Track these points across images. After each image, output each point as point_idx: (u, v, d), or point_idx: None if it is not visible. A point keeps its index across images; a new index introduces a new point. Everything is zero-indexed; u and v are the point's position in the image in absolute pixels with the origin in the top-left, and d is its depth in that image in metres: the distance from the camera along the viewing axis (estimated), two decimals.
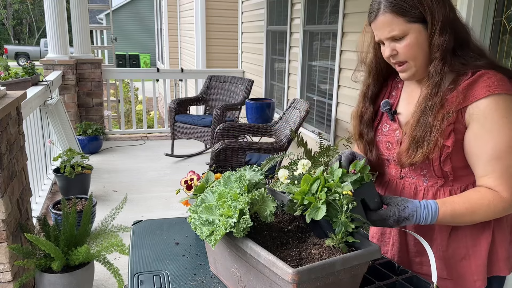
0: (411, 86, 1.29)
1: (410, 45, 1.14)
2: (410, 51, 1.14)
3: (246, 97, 5.42)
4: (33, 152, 3.48)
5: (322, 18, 4.31)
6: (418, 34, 1.13)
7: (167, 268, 1.24)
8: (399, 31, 1.13)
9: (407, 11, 1.11)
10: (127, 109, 9.09)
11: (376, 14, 1.15)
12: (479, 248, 1.20)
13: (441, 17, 1.11)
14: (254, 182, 1.11)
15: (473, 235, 1.20)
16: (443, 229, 1.22)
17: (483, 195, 1.12)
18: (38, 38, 29.46)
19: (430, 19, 1.11)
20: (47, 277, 2.26)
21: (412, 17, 1.12)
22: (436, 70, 1.13)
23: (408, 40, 1.13)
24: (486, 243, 1.19)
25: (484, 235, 1.19)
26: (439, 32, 1.11)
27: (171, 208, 3.83)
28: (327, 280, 0.91)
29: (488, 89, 1.09)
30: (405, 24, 1.12)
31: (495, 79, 1.10)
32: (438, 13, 1.11)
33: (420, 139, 1.15)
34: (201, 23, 7.67)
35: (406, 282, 1.10)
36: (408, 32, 1.13)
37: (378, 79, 1.33)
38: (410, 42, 1.13)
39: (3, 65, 3.76)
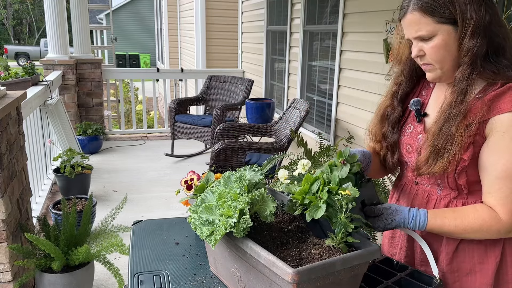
0: (442, 88, 1.21)
1: (437, 47, 1.08)
2: (437, 53, 1.08)
3: (246, 97, 5.42)
4: (33, 152, 3.48)
5: (322, 18, 4.31)
6: (446, 36, 1.06)
7: (167, 268, 1.24)
8: (426, 31, 1.07)
9: (436, 10, 1.05)
10: (127, 109, 9.09)
11: (405, 11, 1.10)
12: (486, 266, 1.14)
13: (473, 20, 1.04)
14: (254, 182, 1.11)
15: (480, 251, 1.15)
16: (451, 242, 1.18)
17: (479, 214, 1.07)
18: (38, 38, 29.47)
19: (461, 20, 1.04)
20: (47, 277, 2.26)
21: (441, 17, 1.05)
22: (463, 76, 1.07)
23: (435, 41, 1.07)
24: (495, 261, 1.13)
25: (493, 253, 1.13)
26: (470, 35, 1.04)
27: (171, 208, 3.83)
28: (327, 280, 0.91)
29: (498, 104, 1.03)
30: (433, 24, 1.06)
31: None
32: (471, 14, 1.04)
33: (441, 150, 1.09)
34: (201, 23, 7.67)
35: (409, 277, 1.11)
36: (436, 33, 1.07)
37: (411, 78, 1.26)
38: (437, 44, 1.07)
39: (3, 65, 3.76)
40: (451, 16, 1.05)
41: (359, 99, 3.49)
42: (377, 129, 1.31)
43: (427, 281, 1.10)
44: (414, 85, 1.28)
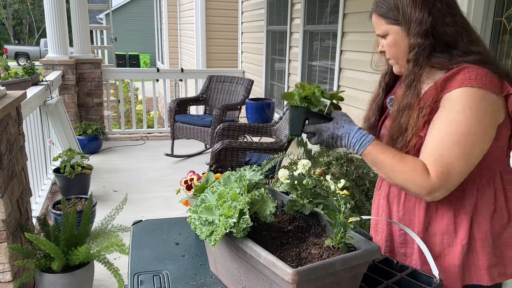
0: None
1: (390, 45, 1.23)
2: (390, 49, 1.24)
3: (246, 97, 5.42)
4: (33, 152, 3.48)
5: (322, 18, 4.31)
6: (396, 36, 1.21)
7: (167, 268, 1.24)
8: (381, 31, 1.24)
9: (386, 13, 1.21)
10: (127, 109, 9.09)
11: (371, 13, 1.27)
12: (454, 249, 1.20)
13: (416, 22, 1.16)
14: (254, 182, 1.11)
15: (449, 235, 1.21)
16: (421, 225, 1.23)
17: (415, 163, 1.14)
18: (38, 38, 29.47)
19: (404, 23, 1.18)
20: (47, 277, 2.26)
21: (390, 19, 1.21)
22: (408, 71, 1.19)
23: (388, 39, 1.23)
24: (461, 244, 1.19)
25: (460, 237, 1.19)
26: (413, 35, 1.17)
27: (171, 208, 3.83)
28: (327, 280, 0.91)
29: (462, 82, 1.11)
30: (385, 25, 1.22)
31: (473, 73, 1.10)
32: (413, 18, 1.16)
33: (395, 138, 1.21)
34: (201, 23, 7.67)
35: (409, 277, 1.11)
36: (388, 33, 1.22)
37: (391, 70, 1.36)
38: (389, 42, 1.23)
39: (3, 65, 3.76)
40: (398, 19, 1.19)
41: (359, 99, 3.49)
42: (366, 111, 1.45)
43: (427, 281, 1.10)
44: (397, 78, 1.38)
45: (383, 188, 1.36)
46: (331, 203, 1.08)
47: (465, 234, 1.18)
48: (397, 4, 1.19)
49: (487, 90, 1.09)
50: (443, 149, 1.10)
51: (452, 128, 1.10)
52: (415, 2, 1.16)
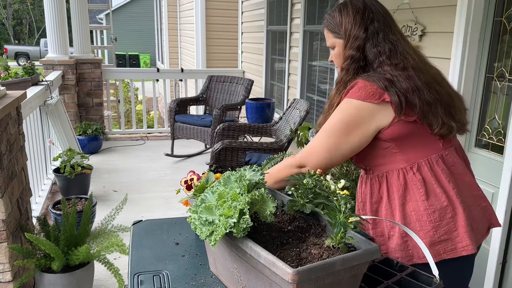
0: None
1: (336, 55, 1.47)
2: (336, 59, 1.48)
3: (246, 97, 5.42)
4: (33, 152, 3.48)
5: (322, 18, 4.31)
6: (339, 48, 1.44)
7: (167, 268, 1.24)
8: (330, 43, 1.48)
9: (333, 28, 1.45)
10: (127, 109, 9.09)
11: (323, 27, 1.50)
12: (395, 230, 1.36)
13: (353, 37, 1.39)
14: (254, 182, 1.11)
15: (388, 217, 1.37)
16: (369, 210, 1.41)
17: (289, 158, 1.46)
18: (38, 38, 29.47)
19: (345, 37, 1.41)
20: (47, 277, 2.27)
21: (336, 33, 1.44)
22: (340, 77, 1.43)
23: (335, 50, 1.47)
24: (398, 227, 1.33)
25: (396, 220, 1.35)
26: (349, 48, 1.40)
27: (171, 208, 3.83)
28: (327, 280, 0.91)
29: (347, 94, 1.35)
30: (333, 38, 1.46)
31: (356, 87, 1.33)
32: (351, 33, 1.39)
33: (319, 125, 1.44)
34: (201, 23, 7.67)
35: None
36: (335, 45, 1.46)
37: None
38: (336, 53, 1.47)
39: (3, 65, 3.76)
40: (340, 33, 1.42)
41: None
42: None
43: (427, 281, 1.10)
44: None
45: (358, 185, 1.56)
46: (331, 203, 1.08)
47: (399, 217, 1.34)
48: (341, 21, 1.41)
49: (361, 101, 1.30)
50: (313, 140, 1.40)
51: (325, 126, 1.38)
52: (355, 20, 1.38)
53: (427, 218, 1.31)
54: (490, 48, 2.38)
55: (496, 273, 2.27)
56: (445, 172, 1.34)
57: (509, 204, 2.18)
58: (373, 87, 1.31)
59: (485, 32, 2.39)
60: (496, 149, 2.35)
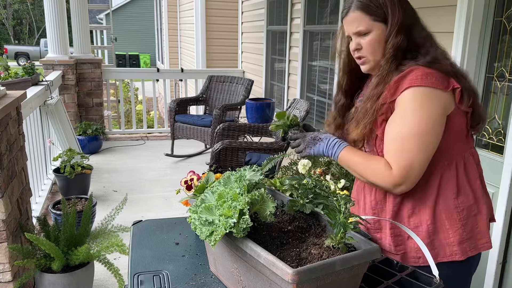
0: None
1: (373, 41, 1.30)
2: (371, 46, 1.30)
3: (246, 97, 5.42)
4: (33, 152, 3.48)
5: (322, 18, 4.31)
6: (380, 32, 1.29)
7: (167, 268, 1.24)
8: (364, 27, 1.29)
9: (373, 10, 1.28)
10: (127, 109, 9.08)
11: (348, 10, 1.33)
12: (420, 230, 1.29)
13: (399, 20, 1.27)
14: (254, 182, 1.11)
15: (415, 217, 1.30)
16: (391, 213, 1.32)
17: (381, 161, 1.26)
18: (38, 38, 29.46)
19: (391, 20, 1.27)
20: (47, 277, 2.26)
21: (376, 16, 1.28)
22: (386, 64, 1.28)
23: (371, 36, 1.29)
24: (426, 225, 1.28)
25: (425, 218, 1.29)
26: (395, 32, 1.26)
27: (171, 208, 3.83)
28: (327, 280, 0.91)
29: (410, 82, 1.22)
30: (370, 22, 1.29)
31: (420, 74, 1.21)
32: (397, 16, 1.27)
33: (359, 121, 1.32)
34: (201, 23, 7.67)
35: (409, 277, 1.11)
36: (372, 29, 1.29)
37: (350, 77, 1.47)
38: (373, 38, 1.29)
39: (3, 65, 3.76)
40: (384, 16, 1.28)
41: None
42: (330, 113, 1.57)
43: (427, 281, 1.10)
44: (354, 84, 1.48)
45: (360, 182, 1.46)
46: (331, 203, 1.08)
47: (428, 215, 1.28)
48: (384, 2, 1.28)
49: (432, 87, 1.20)
50: (402, 146, 1.21)
51: (407, 127, 1.21)
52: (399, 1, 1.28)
53: (457, 216, 1.28)
54: (490, 48, 2.38)
55: (496, 273, 2.27)
56: (474, 170, 1.32)
57: (509, 204, 2.18)
58: (438, 73, 1.22)
59: (485, 32, 2.39)
60: (496, 149, 2.35)
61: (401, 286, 1.08)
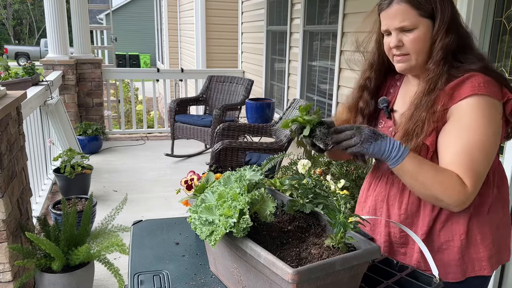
0: (408, 85, 1.31)
1: (418, 39, 1.16)
2: (416, 44, 1.17)
3: (246, 97, 5.42)
4: (33, 152, 3.48)
5: (322, 18, 4.31)
6: (426, 30, 1.16)
7: (167, 268, 1.24)
8: (410, 22, 1.16)
9: (422, 4, 1.15)
10: (127, 109, 9.08)
11: (391, 2, 1.18)
12: (452, 244, 1.22)
13: (449, 18, 1.15)
14: (254, 182, 1.11)
15: (446, 232, 1.22)
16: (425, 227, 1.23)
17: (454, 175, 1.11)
18: (38, 38, 29.46)
19: (440, 17, 1.15)
20: (47, 277, 2.27)
21: (424, 12, 1.15)
22: (438, 68, 1.15)
23: (416, 33, 1.16)
24: (459, 240, 1.21)
25: (457, 233, 1.21)
26: (445, 31, 1.15)
27: (171, 208, 3.83)
28: (327, 280, 0.91)
29: (472, 89, 1.11)
30: (417, 17, 1.15)
31: (481, 81, 1.12)
32: (447, 13, 1.15)
33: (411, 133, 1.17)
34: (201, 23, 7.67)
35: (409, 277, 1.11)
36: (418, 26, 1.16)
37: (380, 73, 1.34)
38: (418, 36, 1.16)
39: (3, 65, 3.76)
40: (432, 12, 1.15)
41: None
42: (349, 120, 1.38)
43: (427, 281, 1.10)
44: (381, 81, 1.36)
45: (380, 190, 1.34)
46: (331, 203, 1.08)
47: (463, 229, 1.20)
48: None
49: (492, 97, 1.12)
50: (472, 159, 1.10)
51: (474, 138, 1.10)
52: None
53: (488, 230, 1.22)
54: (490, 48, 2.38)
55: (496, 273, 2.27)
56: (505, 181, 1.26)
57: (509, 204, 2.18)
58: (494, 82, 1.14)
59: (485, 32, 2.39)
60: None
61: (401, 286, 1.08)
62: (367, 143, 1.09)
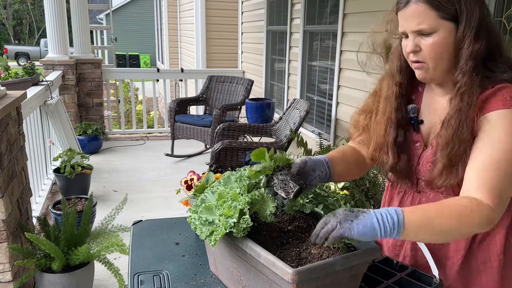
0: (432, 94, 1.19)
1: (437, 44, 1.03)
2: (434, 50, 1.04)
3: (246, 97, 5.42)
4: (33, 152, 3.48)
5: (322, 18, 4.31)
6: (448, 34, 1.02)
7: (167, 268, 1.24)
8: (428, 25, 1.02)
9: (443, 5, 1.01)
10: (127, 109, 9.08)
11: (408, 1, 1.04)
12: (490, 265, 1.13)
13: (478, 20, 1.01)
14: (254, 182, 1.11)
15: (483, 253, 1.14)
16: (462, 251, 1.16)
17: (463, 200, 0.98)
18: (38, 38, 29.46)
19: (465, 19, 1.01)
20: (47, 277, 2.27)
21: (446, 13, 1.01)
22: (470, 81, 1.02)
23: (436, 38, 1.03)
24: (497, 261, 1.12)
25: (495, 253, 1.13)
26: (474, 36, 1.01)
27: (171, 208, 3.83)
28: (327, 280, 0.91)
29: (504, 103, 1.00)
30: (437, 19, 1.01)
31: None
32: (476, 14, 1.00)
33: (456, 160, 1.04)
34: (201, 23, 7.67)
35: (409, 277, 1.11)
36: (438, 29, 1.02)
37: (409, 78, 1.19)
38: (437, 41, 1.03)
39: (3, 65, 3.76)
40: (456, 14, 1.01)
41: (359, 99, 3.48)
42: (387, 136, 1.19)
43: (427, 281, 1.10)
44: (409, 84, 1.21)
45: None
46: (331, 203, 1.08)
47: (501, 249, 1.12)
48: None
49: None
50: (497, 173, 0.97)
51: (499, 154, 0.98)
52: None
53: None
54: None
55: None
56: None
57: None
58: None
59: None
60: None
61: (401, 286, 1.08)
62: (347, 222, 0.91)
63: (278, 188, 1.05)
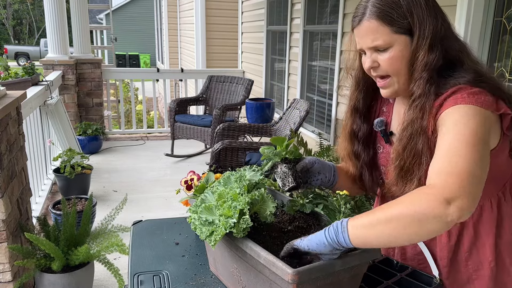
0: (401, 104, 1.18)
1: (394, 59, 1.03)
2: (392, 65, 1.04)
3: (246, 97, 5.42)
4: (33, 152, 3.48)
5: (322, 18, 4.31)
6: (403, 47, 1.02)
7: (167, 268, 1.24)
8: (383, 41, 1.02)
9: (395, 20, 1.00)
10: (127, 109, 9.09)
11: (361, 19, 1.05)
12: (483, 273, 1.12)
13: (431, 32, 1.00)
14: (254, 182, 1.11)
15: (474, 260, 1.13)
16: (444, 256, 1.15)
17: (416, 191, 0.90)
18: (38, 38, 29.46)
19: (418, 32, 1.00)
20: (47, 277, 2.27)
21: (399, 28, 1.01)
22: (423, 91, 1.01)
23: (392, 52, 1.03)
24: (489, 267, 1.11)
25: (486, 261, 1.11)
26: (428, 48, 1.00)
27: (171, 208, 3.83)
28: (327, 280, 0.91)
29: (455, 101, 0.98)
30: (391, 34, 1.01)
31: (465, 93, 0.98)
32: (429, 27, 1.00)
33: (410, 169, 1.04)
34: (201, 23, 7.67)
35: (409, 277, 1.11)
36: (393, 44, 1.02)
37: (367, 91, 1.20)
38: (394, 55, 1.03)
39: (3, 65, 3.76)
40: (409, 27, 1.01)
41: None
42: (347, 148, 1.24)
43: (427, 281, 1.10)
44: (372, 99, 1.23)
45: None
46: (331, 203, 1.08)
47: (492, 256, 1.10)
48: (410, 9, 1.00)
49: (479, 106, 0.96)
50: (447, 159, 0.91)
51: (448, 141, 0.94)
52: (428, 7, 1.01)
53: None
54: (490, 48, 2.38)
55: None
56: None
57: None
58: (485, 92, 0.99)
59: (485, 32, 2.39)
60: None
61: (401, 286, 1.08)
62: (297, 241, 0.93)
63: (278, 177, 1.12)
